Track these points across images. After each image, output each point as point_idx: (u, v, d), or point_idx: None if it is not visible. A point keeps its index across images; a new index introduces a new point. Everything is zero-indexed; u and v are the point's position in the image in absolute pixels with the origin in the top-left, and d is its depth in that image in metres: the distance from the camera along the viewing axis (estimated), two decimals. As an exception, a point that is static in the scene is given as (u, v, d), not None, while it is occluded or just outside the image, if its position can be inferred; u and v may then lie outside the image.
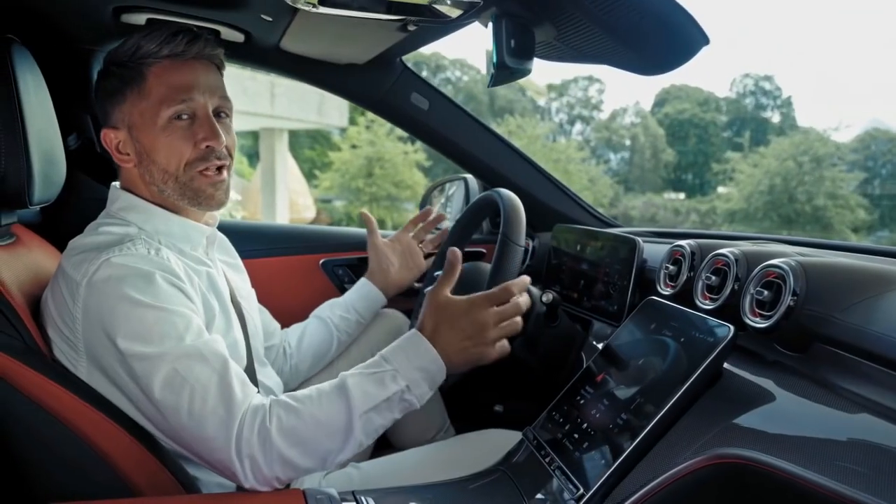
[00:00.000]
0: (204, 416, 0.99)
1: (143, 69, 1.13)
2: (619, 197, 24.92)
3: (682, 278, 1.25)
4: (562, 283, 1.70)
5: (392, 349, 1.09)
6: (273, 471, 1.00)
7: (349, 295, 1.62)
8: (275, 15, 1.27)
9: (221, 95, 1.19)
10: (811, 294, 0.96)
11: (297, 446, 1.00)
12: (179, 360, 1.00)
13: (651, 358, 1.12)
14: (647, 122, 31.03)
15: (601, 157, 30.09)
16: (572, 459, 1.08)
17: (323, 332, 1.57)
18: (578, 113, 34.43)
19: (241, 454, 0.98)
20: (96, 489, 1.04)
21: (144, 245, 1.09)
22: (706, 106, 32.08)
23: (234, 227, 1.76)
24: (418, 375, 1.07)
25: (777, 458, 0.83)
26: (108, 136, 1.17)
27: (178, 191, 1.16)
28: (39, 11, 1.30)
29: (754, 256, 1.10)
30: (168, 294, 1.04)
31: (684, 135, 31.01)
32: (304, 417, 1.01)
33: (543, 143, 21.51)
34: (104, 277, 1.02)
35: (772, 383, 0.98)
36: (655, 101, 33.41)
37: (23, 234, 1.28)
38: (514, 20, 0.98)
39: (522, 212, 1.38)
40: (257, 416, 1.00)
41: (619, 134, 31.38)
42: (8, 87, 1.08)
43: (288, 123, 11.86)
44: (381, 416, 1.05)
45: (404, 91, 1.71)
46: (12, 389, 1.01)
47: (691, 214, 23.44)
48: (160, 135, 1.13)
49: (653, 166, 29.69)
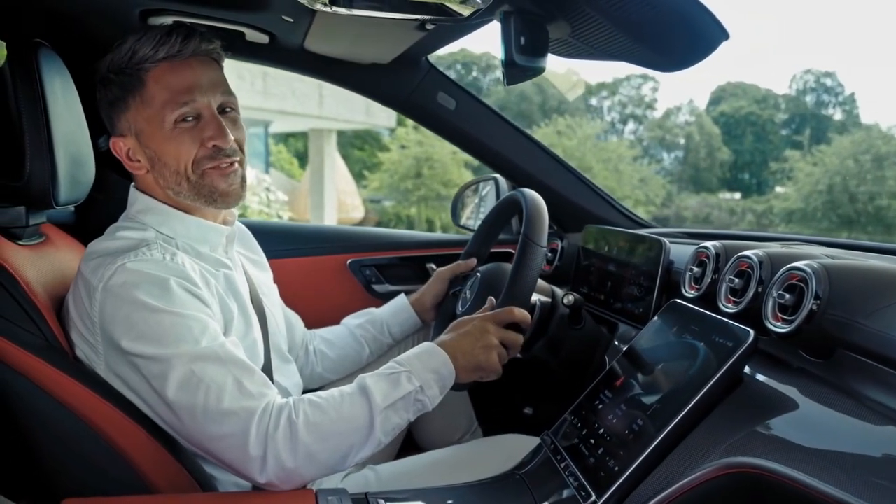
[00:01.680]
0: (220, 414, 1.00)
1: (141, 75, 1.12)
2: (671, 197, 24.45)
3: (706, 281, 1.22)
4: (589, 285, 1.67)
5: (405, 355, 1.15)
6: (298, 465, 1.02)
7: (386, 316, 1.60)
8: (295, 16, 1.28)
9: (224, 91, 1.17)
10: (834, 298, 0.92)
11: (323, 441, 1.02)
12: (195, 361, 1.01)
13: (671, 362, 1.09)
14: (702, 121, 30.37)
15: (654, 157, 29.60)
16: (587, 465, 1.06)
17: (354, 349, 1.57)
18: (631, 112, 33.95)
19: (264, 451, 1.00)
20: (114, 485, 1.07)
21: (160, 250, 1.10)
22: (764, 103, 31.27)
23: (261, 226, 1.78)
24: (430, 377, 1.11)
25: (793, 469, 0.79)
26: (117, 145, 1.17)
27: (192, 191, 1.16)
28: (69, 16, 1.34)
29: (779, 259, 1.06)
30: (182, 299, 1.05)
31: (741, 133, 30.27)
32: (329, 413, 1.04)
33: (594, 142, 21.20)
34: (119, 283, 1.04)
35: (794, 390, 0.95)
36: (711, 98, 32.72)
37: (53, 234, 1.31)
38: (525, 17, 0.96)
39: (545, 212, 1.35)
40: (283, 412, 1.02)
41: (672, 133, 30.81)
42: (34, 89, 1.11)
43: (336, 124, 11.99)
44: (398, 415, 1.08)
45: (431, 90, 1.70)
46: (33, 386, 1.04)
47: (747, 214, 22.86)
48: (167, 139, 1.13)
49: (708, 165, 29.05)
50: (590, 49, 1.07)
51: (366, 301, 1.78)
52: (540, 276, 1.85)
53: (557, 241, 1.85)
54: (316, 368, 1.54)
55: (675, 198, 24.81)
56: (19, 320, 1.05)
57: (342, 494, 1.04)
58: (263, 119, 11.86)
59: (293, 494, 1.05)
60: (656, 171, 25.36)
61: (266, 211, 7.50)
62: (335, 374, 1.56)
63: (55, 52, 1.19)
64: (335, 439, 1.04)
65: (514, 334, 1.22)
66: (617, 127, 33.65)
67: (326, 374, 1.55)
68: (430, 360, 1.13)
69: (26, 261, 1.13)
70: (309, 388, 1.50)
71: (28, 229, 1.19)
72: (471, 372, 1.17)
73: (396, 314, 1.59)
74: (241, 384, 1.02)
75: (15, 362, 1.03)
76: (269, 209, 7.60)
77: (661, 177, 24.82)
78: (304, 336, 1.55)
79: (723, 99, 31.68)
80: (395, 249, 1.88)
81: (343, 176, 13.46)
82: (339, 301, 1.64)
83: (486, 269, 1.49)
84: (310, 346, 1.55)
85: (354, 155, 22.55)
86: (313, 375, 1.55)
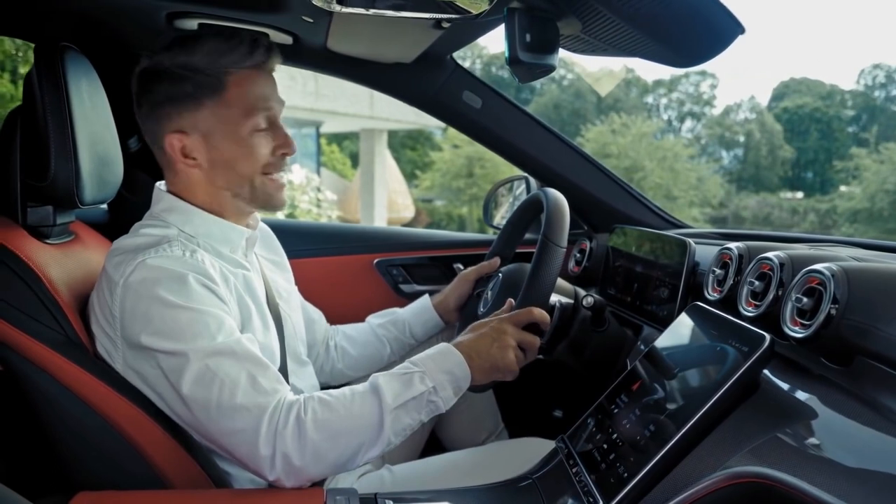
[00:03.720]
0: (233, 409, 1.01)
1: (222, 77, 1.14)
2: (730, 196, 23.86)
3: (728, 283, 1.18)
4: (616, 286, 1.63)
5: (420, 356, 1.14)
6: (305, 463, 1.02)
7: (409, 316, 1.60)
8: (314, 16, 1.29)
9: (281, 102, 1.22)
10: (854, 302, 0.88)
11: (331, 439, 1.03)
12: (210, 356, 1.03)
13: (687, 367, 1.06)
14: (764, 118, 29.56)
15: (712, 155, 28.94)
16: (598, 471, 1.04)
17: (377, 348, 1.58)
18: (689, 109, 33.27)
19: (273, 447, 1.01)
20: (129, 480, 1.09)
21: (180, 247, 1.12)
22: (829, 99, 30.27)
23: (289, 226, 1.80)
24: (444, 378, 1.10)
25: (803, 481, 0.76)
26: (172, 140, 1.16)
27: (252, 194, 1.20)
28: (96, 19, 1.37)
29: (800, 261, 1.02)
30: (200, 296, 1.07)
31: (804, 130, 29.35)
32: (339, 411, 1.04)
33: (649, 141, 20.80)
34: (140, 279, 1.06)
35: (813, 398, 0.91)
36: (773, 95, 31.85)
37: (83, 233, 1.35)
38: (530, 14, 0.95)
39: (566, 212, 1.33)
40: (293, 409, 1.03)
41: (732, 130, 30.08)
42: (59, 92, 1.14)
43: (387, 124, 12.07)
44: (409, 416, 1.08)
45: (456, 89, 1.69)
46: (52, 381, 1.07)
47: (809, 214, 22.15)
48: (243, 143, 1.16)
49: (769, 164, 28.26)
50: (603, 45, 1.05)
51: (393, 301, 1.78)
52: (569, 276, 1.84)
53: (586, 241, 1.82)
54: (337, 365, 1.55)
55: (734, 197, 24.20)
56: (41, 317, 1.09)
57: (351, 494, 1.04)
58: (315, 120, 12.03)
59: (302, 493, 1.05)
60: (715, 171, 24.78)
61: (315, 211, 7.60)
62: (356, 371, 1.56)
63: (82, 55, 1.22)
64: (344, 437, 1.04)
65: (531, 335, 1.20)
66: (674, 125, 33.03)
67: (347, 370, 1.56)
68: (444, 361, 1.12)
69: (52, 259, 1.17)
70: (329, 386, 1.51)
71: (56, 228, 1.23)
72: (487, 373, 1.16)
73: (419, 315, 1.59)
74: (255, 380, 1.03)
75: (35, 358, 1.06)
76: (318, 209, 7.70)
77: (719, 176, 24.24)
78: (327, 332, 1.56)
79: (785, 95, 30.81)
80: (423, 249, 1.88)
81: (394, 175, 13.55)
82: (366, 301, 1.65)
83: (508, 269, 1.47)
84: (331, 343, 1.56)
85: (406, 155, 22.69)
86: (334, 372, 1.55)
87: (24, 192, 1.18)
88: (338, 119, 11.65)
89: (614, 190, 1.83)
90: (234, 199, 1.21)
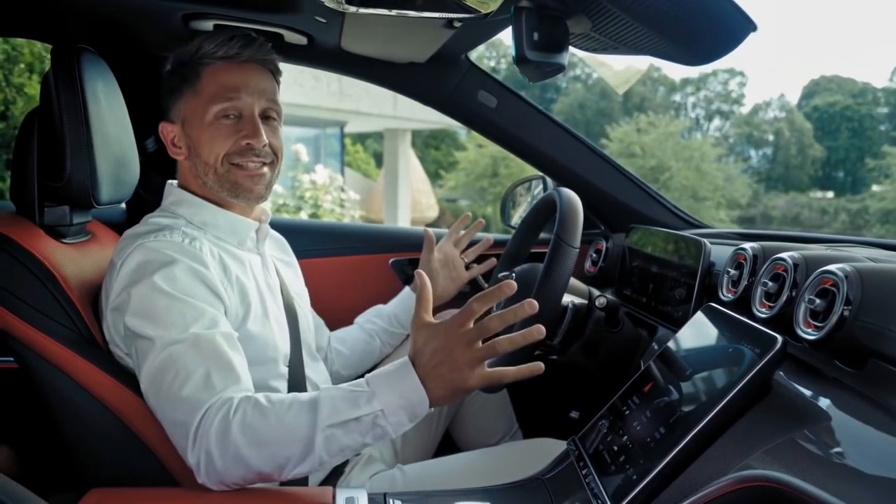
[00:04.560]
0: (177, 400, 1.00)
1: (199, 69, 1.19)
2: (758, 196, 23.54)
3: (742, 283, 1.16)
4: (632, 286, 1.62)
5: (377, 372, 1.01)
6: (226, 466, 0.97)
7: (393, 307, 1.61)
8: (326, 16, 1.29)
9: (270, 98, 1.22)
10: (867, 304, 0.86)
11: (255, 446, 0.96)
12: (174, 345, 1.03)
13: (699, 368, 1.04)
14: (793, 116, 29.13)
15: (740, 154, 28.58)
16: (607, 473, 1.03)
17: (367, 342, 1.58)
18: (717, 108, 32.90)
19: (198, 446, 0.97)
20: (141, 477, 1.10)
21: (180, 234, 1.15)
22: (861, 97, 29.74)
23: (304, 226, 1.81)
24: (396, 403, 0.97)
25: (813, 486, 0.74)
26: (165, 130, 1.23)
27: (217, 182, 1.21)
28: (114, 21, 1.39)
29: (815, 261, 1.00)
30: (187, 285, 1.08)
31: (835, 129, 28.88)
32: (269, 418, 0.97)
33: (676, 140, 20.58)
34: (135, 261, 1.09)
35: (826, 401, 0.89)
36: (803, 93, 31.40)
37: (101, 233, 1.37)
38: (538, 13, 0.94)
39: (580, 212, 1.32)
40: (222, 408, 0.98)
41: (761, 129, 29.71)
42: (75, 92, 1.16)
43: (410, 124, 12.09)
44: (348, 437, 0.97)
45: (471, 89, 1.69)
46: (66, 378, 1.08)
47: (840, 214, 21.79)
48: (206, 130, 1.19)
49: (798, 163, 27.85)
50: (613, 43, 1.04)
51: (411, 301, 1.78)
52: (585, 277, 1.83)
53: (603, 241, 1.81)
54: (333, 366, 1.56)
55: (763, 197, 23.88)
56: (55, 314, 1.10)
57: (360, 493, 1.04)
58: (339, 120, 12.10)
59: (312, 491, 1.06)
60: (743, 170, 24.48)
61: (339, 210, 7.64)
62: (351, 369, 1.56)
63: (99, 57, 1.24)
64: (269, 447, 0.96)
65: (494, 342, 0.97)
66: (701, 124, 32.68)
67: (343, 370, 1.56)
68: (399, 382, 0.98)
69: (67, 258, 1.19)
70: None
71: (72, 228, 1.25)
72: (451, 396, 0.99)
73: (402, 303, 1.61)
74: (209, 377, 1.01)
75: (49, 355, 1.08)
76: (342, 209, 7.74)
77: (747, 175, 23.93)
78: (329, 339, 1.57)
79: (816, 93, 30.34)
80: None
81: (418, 175, 13.57)
82: (381, 300, 1.64)
83: (522, 269, 1.47)
84: (329, 348, 1.57)
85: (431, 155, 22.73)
86: (332, 374, 1.55)
87: (42, 192, 1.20)
88: (362, 119, 11.69)
89: (631, 189, 1.81)
90: (209, 187, 1.22)
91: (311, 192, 7.50)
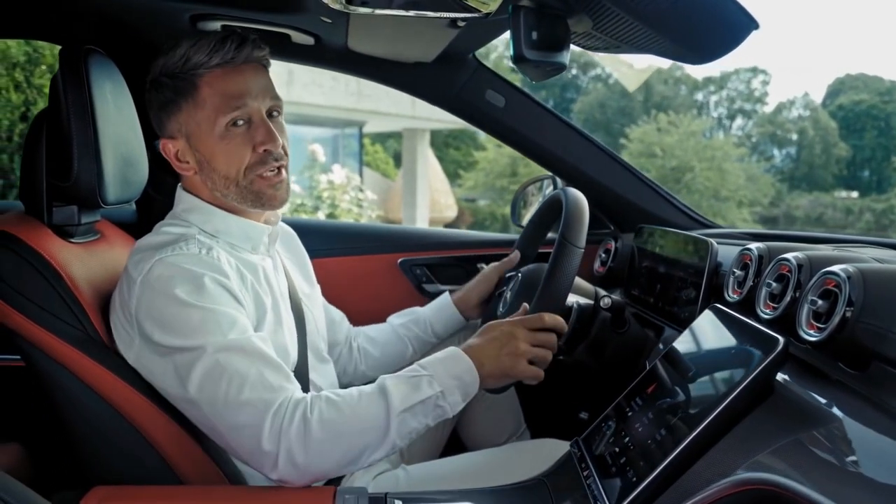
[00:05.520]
0: (239, 404, 1.02)
1: (195, 80, 1.15)
2: (781, 196, 23.25)
3: (748, 284, 1.15)
4: (641, 287, 1.61)
5: (429, 359, 1.13)
6: (309, 462, 1.02)
7: (430, 314, 1.59)
8: (331, 17, 1.30)
9: (272, 96, 1.20)
10: (870, 305, 0.85)
11: (336, 439, 1.03)
12: (221, 352, 1.04)
13: (702, 370, 1.03)
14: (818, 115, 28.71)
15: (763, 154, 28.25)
16: (609, 475, 1.02)
17: (398, 347, 1.57)
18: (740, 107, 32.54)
19: (277, 444, 1.01)
20: (145, 475, 1.11)
21: (196, 245, 1.14)
22: (888, 96, 29.22)
23: (312, 226, 1.81)
24: (452, 383, 1.09)
25: (813, 490, 0.73)
26: (166, 147, 1.20)
27: (239, 195, 1.19)
28: (122, 22, 1.40)
29: (819, 262, 0.99)
30: (214, 294, 1.08)
31: (860, 128, 28.42)
32: (345, 411, 1.04)
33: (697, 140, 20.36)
34: (155, 277, 1.08)
35: (829, 403, 0.88)
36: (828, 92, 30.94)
37: (110, 233, 1.38)
38: (536, 12, 0.94)
39: (585, 212, 1.31)
40: (299, 407, 1.03)
41: (784, 128, 29.32)
42: (82, 93, 1.16)
43: (429, 124, 12.10)
44: (416, 420, 1.07)
45: (478, 88, 1.68)
46: (72, 377, 1.10)
47: (865, 214, 21.45)
48: (219, 143, 1.16)
49: (823, 162, 27.45)
50: (616, 42, 1.03)
51: (416, 301, 1.77)
52: (594, 277, 1.82)
53: (612, 241, 1.80)
54: (360, 366, 1.56)
55: (786, 197, 23.59)
56: (62, 314, 1.11)
57: (361, 493, 1.04)
58: (358, 120, 12.13)
59: (312, 491, 1.06)
60: (766, 169, 24.21)
61: (356, 210, 7.67)
62: (378, 372, 1.54)
63: (107, 57, 1.24)
64: (348, 438, 1.04)
65: (545, 336, 1.18)
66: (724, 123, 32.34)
67: (370, 372, 1.55)
68: (454, 365, 1.11)
69: (75, 257, 1.19)
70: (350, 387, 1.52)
71: (80, 227, 1.26)
72: (497, 379, 1.15)
73: (440, 312, 1.59)
74: (263, 376, 1.04)
75: (56, 354, 1.09)
76: (359, 208, 7.76)
77: (770, 175, 23.66)
78: (349, 333, 1.57)
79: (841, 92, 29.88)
80: (446, 249, 1.88)
81: (437, 175, 13.57)
82: (389, 301, 1.65)
83: (528, 269, 1.46)
84: (354, 344, 1.56)
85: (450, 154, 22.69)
86: (357, 373, 1.56)
87: (50, 192, 1.21)
88: (380, 119, 11.72)
89: (641, 189, 1.80)
90: (229, 199, 1.20)
91: (328, 192, 7.52)
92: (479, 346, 1.15)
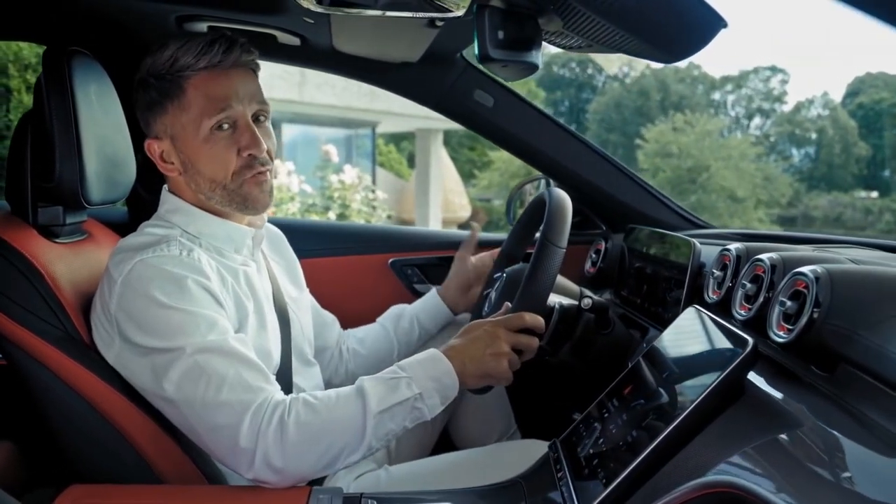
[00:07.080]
0: (217, 405, 1.03)
1: (181, 82, 1.15)
2: (799, 196, 22.99)
3: (726, 285, 1.14)
4: (629, 287, 1.60)
5: (409, 360, 1.14)
6: (286, 464, 1.03)
7: (416, 309, 1.60)
8: (312, 17, 1.30)
9: (259, 100, 1.20)
10: (837, 306, 0.84)
11: (313, 441, 1.03)
12: (199, 353, 1.05)
13: (676, 371, 1.03)
14: (837, 114, 28.35)
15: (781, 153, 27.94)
16: (581, 477, 1.02)
17: (384, 344, 1.58)
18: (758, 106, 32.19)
19: (255, 445, 1.02)
20: (125, 475, 1.12)
21: (178, 246, 1.14)
22: (909, 95, 28.81)
23: (302, 226, 1.81)
24: (431, 385, 1.10)
25: (775, 493, 0.73)
26: (151, 147, 1.21)
27: (226, 198, 1.20)
28: (108, 22, 1.41)
29: (793, 263, 0.98)
30: (194, 296, 1.09)
31: (881, 127, 28.01)
32: (322, 413, 1.05)
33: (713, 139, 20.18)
34: (136, 278, 1.09)
35: (798, 405, 0.87)
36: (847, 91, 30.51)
37: (98, 233, 1.39)
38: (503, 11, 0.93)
39: (568, 212, 1.31)
40: (277, 410, 1.04)
41: (803, 127, 28.96)
42: (64, 95, 1.17)
43: (442, 124, 12.05)
44: (393, 421, 1.08)
45: (467, 88, 1.68)
46: (53, 376, 1.10)
47: (885, 214, 21.15)
48: (203, 146, 1.17)
49: (842, 162, 27.08)
50: (587, 41, 1.02)
51: (408, 301, 1.77)
52: (584, 277, 1.81)
53: (602, 241, 1.79)
54: (349, 366, 1.56)
55: (804, 197, 23.32)
56: (42, 313, 1.12)
57: (335, 493, 1.04)
58: (371, 120, 12.14)
59: (287, 492, 1.06)
60: (784, 169, 23.94)
61: (367, 210, 7.68)
62: (367, 370, 1.55)
63: (92, 58, 1.25)
64: (325, 440, 1.04)
65: (526, 339, 1.18)
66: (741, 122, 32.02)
67: (358, 371, 1.55)
68: (433, 367, 1.12)
69: (58, 257, 1.20)
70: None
71: (66, 228, 1.27)
72: (479, 380, 1.15)
73: (426, 306, 1.60)
74: (242, 377, 1.05)
75: (36, 353, 1.10)
76: (370, 209, 7.78)
77: (788, 175, 23.40)
78: (340, 336, 1.57)
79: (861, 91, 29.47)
80: (438, 249, 1.87)
81: (450, 175, 13.56)
82: (381, 301, 1.65)
83: (512, 269, 1.46)
84: (343, 347, 1.57)
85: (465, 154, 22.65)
86: (347, 374, 1.56)
87: (35, 192, 1.22)
88: (393, 119, 11.71)
89: (633, 189, 1.79)
90: (214, 202, 1.21)
91: (339, 192, 7.54)
92: (462, 346, 1.15)
